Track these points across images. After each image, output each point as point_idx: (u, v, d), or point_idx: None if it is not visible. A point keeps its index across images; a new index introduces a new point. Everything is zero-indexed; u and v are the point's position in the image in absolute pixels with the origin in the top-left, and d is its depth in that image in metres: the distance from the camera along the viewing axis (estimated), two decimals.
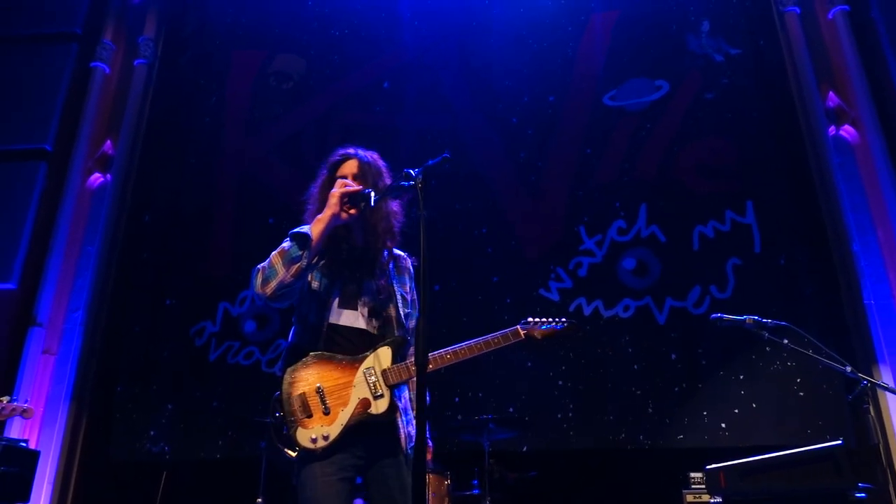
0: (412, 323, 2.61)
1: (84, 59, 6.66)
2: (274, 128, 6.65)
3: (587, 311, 5.50)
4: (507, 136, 6.19)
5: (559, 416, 5.24)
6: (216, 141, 6.69)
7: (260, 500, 4.27)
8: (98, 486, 5.57)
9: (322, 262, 2.51)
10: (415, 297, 2.69)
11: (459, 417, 5.09)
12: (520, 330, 2.51)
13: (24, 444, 4.71)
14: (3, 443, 4.43)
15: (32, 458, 4.64)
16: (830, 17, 5.87)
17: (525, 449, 5.14)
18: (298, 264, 2.36)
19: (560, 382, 5.32)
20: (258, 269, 2.41)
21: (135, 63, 6.84)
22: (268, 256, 2.45)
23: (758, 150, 5.75)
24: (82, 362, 5.78)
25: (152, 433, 5.62)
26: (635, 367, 5.27)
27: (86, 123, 6.44)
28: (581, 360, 5.36)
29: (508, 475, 4.50)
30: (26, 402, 3.85)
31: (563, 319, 2.55)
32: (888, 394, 4.72)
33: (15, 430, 5.35)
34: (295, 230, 2.43)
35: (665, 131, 5.95)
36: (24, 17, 6.63)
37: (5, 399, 3.65)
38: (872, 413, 3.17)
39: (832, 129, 5.55)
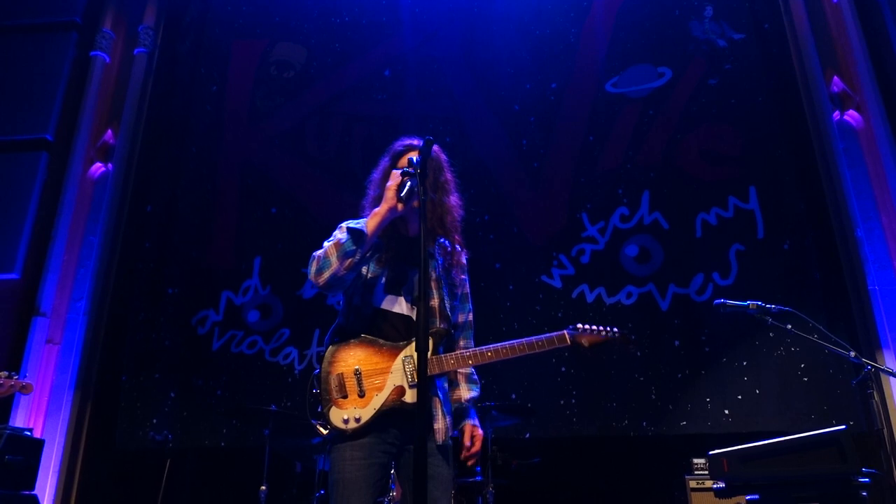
0: (461, 317, 2.64)
1: (84, 49, 6.64)
2: (275, 117, 6.63)
3: (590, 298, 5.49)
4: (510, 124, 6.17)
5: (562, 402, 5.24)
6: (217, 130, 6.67)
7: (263, 487, 4.28)
8: (102, 474, 5.61)
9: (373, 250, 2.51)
10: (466, 290, 2.70)
11: None
12: (566, 336, 2.45)
13: (28, 433, 4.73)
14: (8, 431, 4.44)
15: (37, 446, 4.66)
16: (835, 0, 5.81)
17: (528, 436, 5.15)
18: (352, 259, 2.37)
19: (563, 369, 5.32)
20: (314, 257, 2.43)
21: (135, 52, 6.81)
22: (322, 245, 2.46)
23: (761, 136, 5.72)
24: (86, 351, 5.79)
25: (156, 421, 5.64)
26: (638, 353, 5.27)
27: (86, 113, 6.43)
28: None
29: (511, 462, 4.51)
30: (25, 377, 3.82)
31: (616, 330, 2.48)
32: (892, 379, 4.72)
33: (20, 419, 5.38)
34: (352, 224, 2.43)
35: (668, 118, 5.92)
36: (24, 6, 6.60)
37: (3, 374, 3.62)
38: (876, 398, 3.17)
39: (836, 114, 5.50)
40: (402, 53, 6.62)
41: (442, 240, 2.65)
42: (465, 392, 2.59)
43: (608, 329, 2.47)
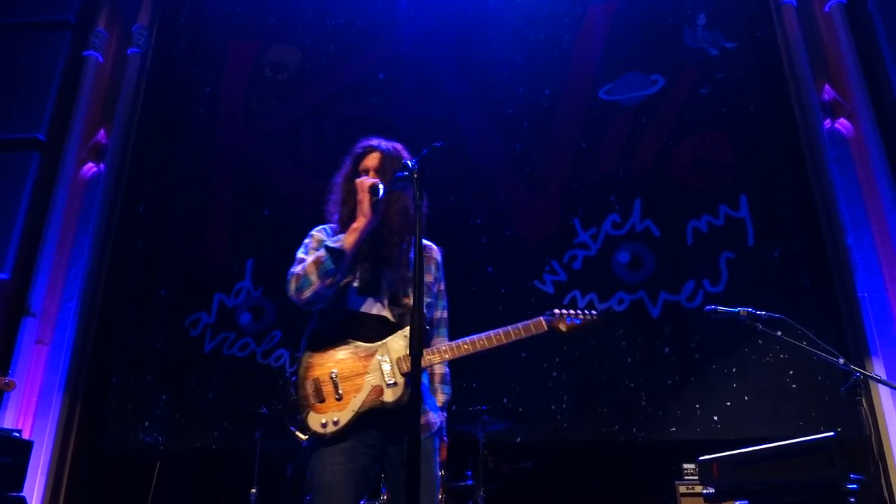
0: (437, 313, 2.63)
1: (77, 48, 6.62)
2: (269, 119, 6.62)
3: (581, 303, 5.50)
4: (503, 128, 6.18)
5: (553, 407, 5.25)
6: (211, 131, 6.65)
7: (254, 490, 4.27)
8: (92, 476, 5.57)
9: None
10: (441, 287, 2.69)
11: (454, 408, 5.08)
12: (543, 322, 2.48)
13: (17, 435, 4.70)
14: None
15: (26, 448, 4.63)
16: (827, 9, 5.86)
17: (519, 440, 5.16)
18: (333, 277, 2.37)
19: (554, 374, 5.33)
20: (293, 275, 2.40)
21: (128, 52, 6.80)
22: (300, 259, 2.44)
23: (753, 144, 5.75)
24: (76, 352, 5.76)
25: (146, 424, 5.61)
26: (629, 359, 5.29)
27: (79, 113, 6.41)
28: (575, 353, 5.37)
29: (502, 466, 4.51)
30: (10, 375, 3.80)
31: (593, 312, 2.52)
32: (880, 386, 4.75)
33: (9, 420, 5.35)
34: (330, 244, 2.39)
35: (660, 126, 5.95)
36: (17, 4, 6.58)
37: None
38: (865, 405, 3.19)
39: (828, 123, 5.55)
40: (397, 56, 6.63)
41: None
42: (439, 395, 2.58)
43: (585, 312, 2.51)
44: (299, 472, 4.66)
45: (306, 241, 2.56)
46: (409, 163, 2.24)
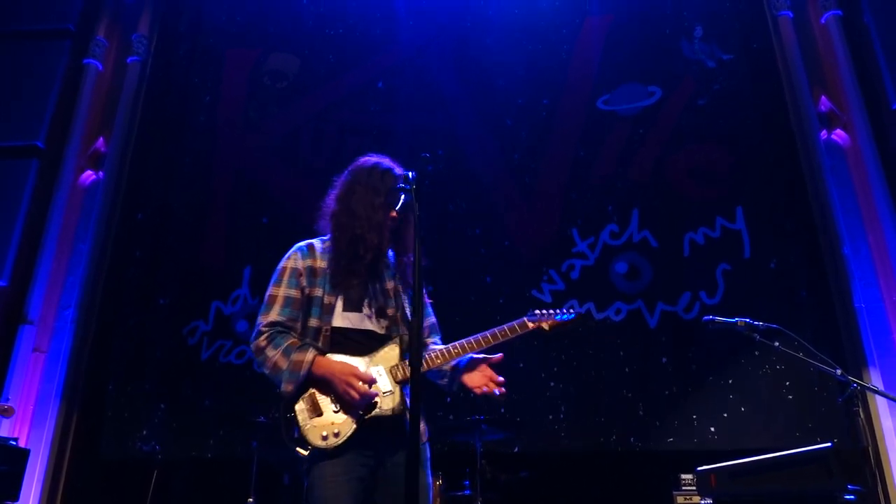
0: (426, 321, 2.67)
1: (77, 56, 6.64)
2: (268, 127, 6.63)
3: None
4: (502, 138, 6.20)
5: (550, 417, 5.25)
6: (210, 139, 6.66)
7: (251, 499, 4.26)
8: (88, 484, 5.55)
9: (328, 271, 2.52)
10: (423, 295, 2.72)
11: (451, 418, 5.09)
12: (527, 322, 2.54)
13: (13, 443, 4.69)
14: None
15: (22, 456, 4.63)
16: (823, 21, 5.91)
17: (517, 450, 5.15)
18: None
19: (552, 384, 5.33)
20: (255, 346, 2.49)
21: (128, 60, 6.81)
22: (266, 306, 2.62)
23: (750, 155, 5.78)
24: (73, 360, 5.75)
25: (143, 432, 5.59)
26: (626, 370, 5.29)
27: (78, 120, 6.42)
28: (573, 363, 5.37)
29: (500, 476, 4.51)
30: (8, 400, 3.80)
31: (572, 310, 2.61)
32: (877, 396, 4.76)
33: (4, 429, 5.33)
34: (283, 382, 2.37)
35: (657, 137, 5.97)
36: (18, 12, 6.60)
37: None
38: (862, 415, 3.20)
39: (824, 134, 5.58)
40: (396, 65, 6.65)
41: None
42: (440, 346, 2.59)
43: (565, 311, 2.59)
44: (296, 481, 4.65)
45: (281, 264, 2.66)
46: (409, 174, 2.30)
